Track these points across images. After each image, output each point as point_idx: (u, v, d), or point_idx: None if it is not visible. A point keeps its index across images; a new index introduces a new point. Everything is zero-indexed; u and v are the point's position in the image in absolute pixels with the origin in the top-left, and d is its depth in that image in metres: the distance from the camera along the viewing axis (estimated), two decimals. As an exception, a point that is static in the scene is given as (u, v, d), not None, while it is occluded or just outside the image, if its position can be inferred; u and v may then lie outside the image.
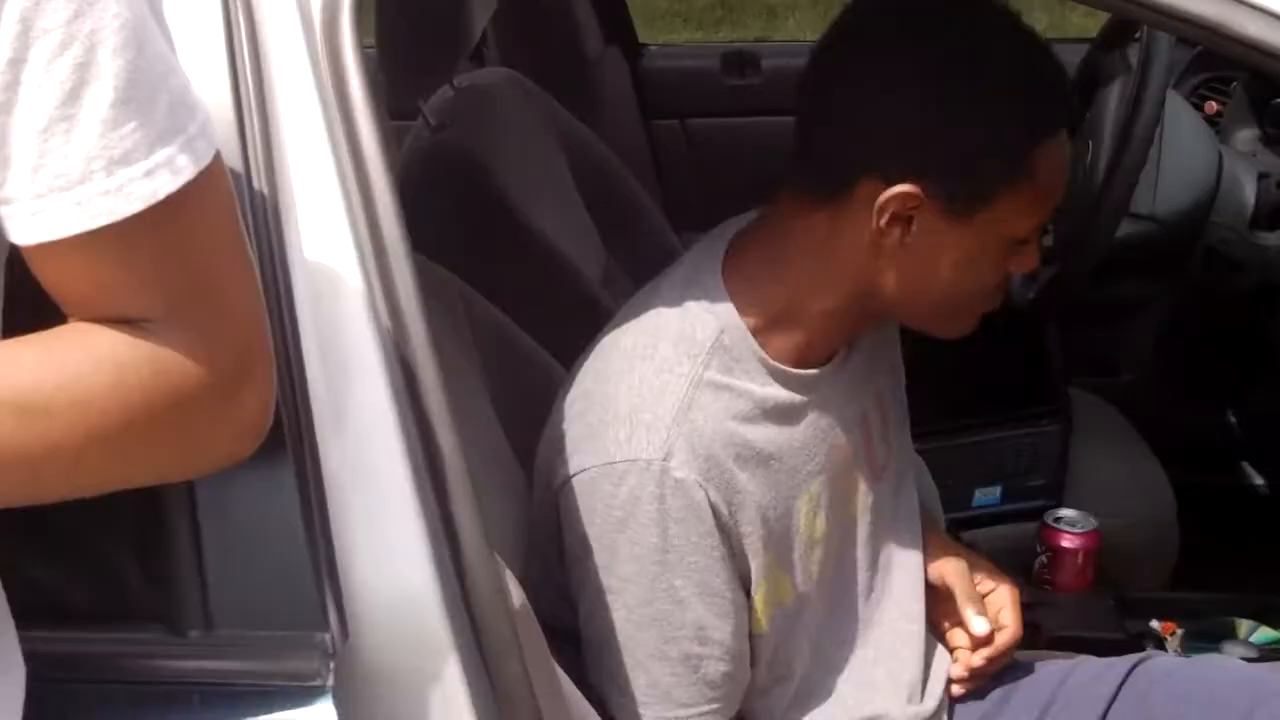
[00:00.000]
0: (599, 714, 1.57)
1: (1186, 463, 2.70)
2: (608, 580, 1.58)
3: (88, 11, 0.96)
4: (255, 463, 1.16)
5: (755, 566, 1.62)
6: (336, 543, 1.24)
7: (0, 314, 1.08)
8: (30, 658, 1.14)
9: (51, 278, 1.03)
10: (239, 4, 1.27)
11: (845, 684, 1.78)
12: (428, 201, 2.35)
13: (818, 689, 1.76)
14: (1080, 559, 2.29)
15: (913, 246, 1.55)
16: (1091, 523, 2.32)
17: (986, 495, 2.60)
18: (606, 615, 1.59)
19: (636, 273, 2.22)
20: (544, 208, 2.32)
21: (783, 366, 1.62)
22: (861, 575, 1.78)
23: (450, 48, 2.41)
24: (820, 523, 1.69)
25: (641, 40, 3.36)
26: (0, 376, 1.01)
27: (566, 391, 1.64)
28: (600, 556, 1.57)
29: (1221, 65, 2.87)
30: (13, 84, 0.96)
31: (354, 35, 1.30)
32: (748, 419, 1.60)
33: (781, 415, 1.64)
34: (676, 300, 1.62)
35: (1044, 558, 2.30)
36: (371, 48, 1.68)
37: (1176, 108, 2.58)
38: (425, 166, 2.42)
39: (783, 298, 1.62)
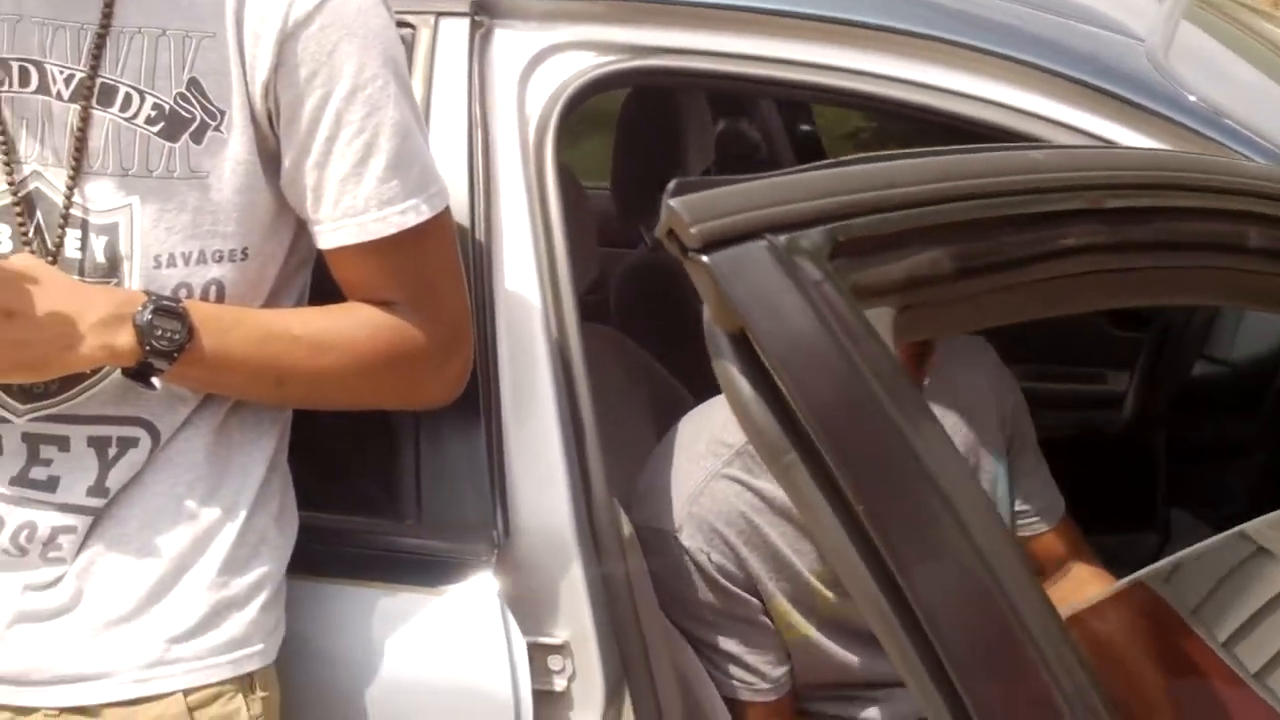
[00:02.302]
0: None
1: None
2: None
3: (375, 114, 1.64)
4: (459, 410, 1.83)
5: (770, 604, 2.21)
6: (506, 472, 1.88)
7: (308, 293, 1.78)
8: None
9: (339, 272, 1.71)
10: (480, 124, 1.94)
11: None
12: (639, 304, 3.02)
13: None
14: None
15: None
16: None
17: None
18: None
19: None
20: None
21: None
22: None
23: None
24: (829, 592, 2.22)
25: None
26: (302, 325, 1.69)
27: (654, 450, 2.27)
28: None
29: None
30: (328, 152, 1.64)
31: (553, 149, 1.96)
32: (758, 511, 2.18)
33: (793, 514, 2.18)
34: (723, 405, 2.26)
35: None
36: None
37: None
38: (641, 276, 3.08)
39: None
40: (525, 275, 1.92)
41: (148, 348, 1.58)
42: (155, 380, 1.61)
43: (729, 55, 2.02)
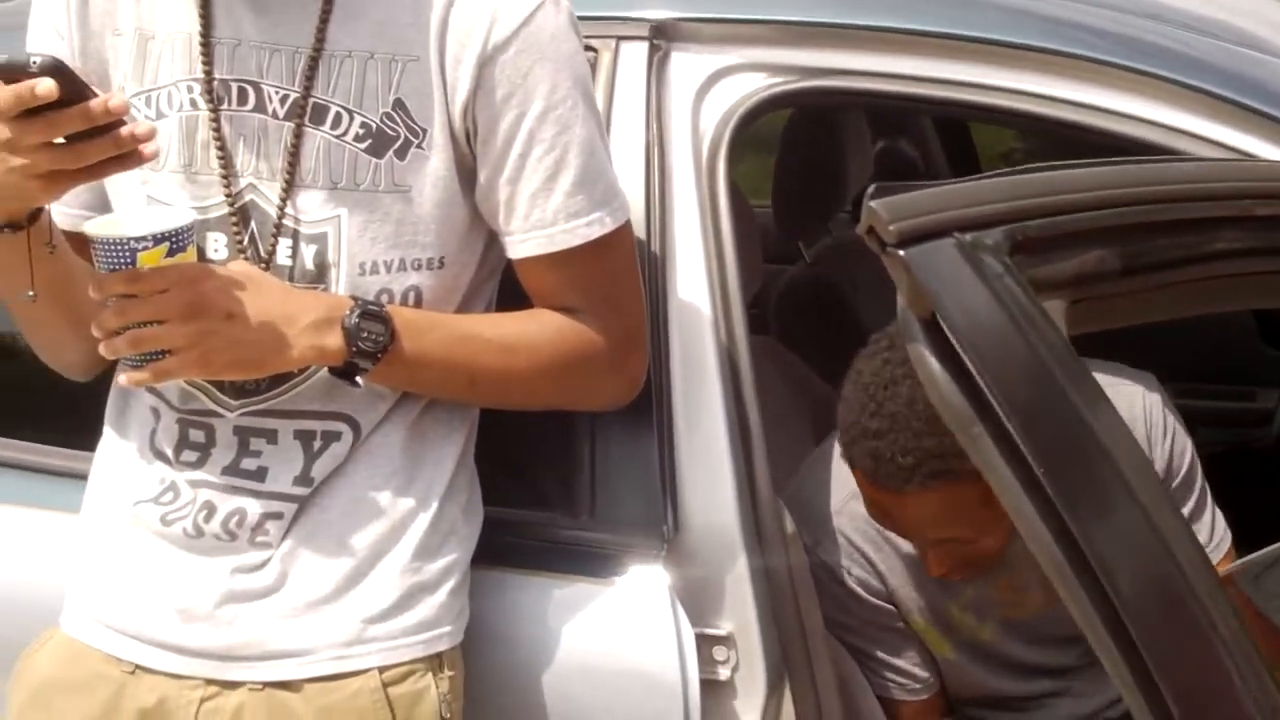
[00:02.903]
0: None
1: None
2: None
3: (565, 133, 1.76)
4: (633, 412, 1.94)
5: (909, 620, 2.31)
6: (676, 471, 1.99)
7: (496, 299, 1.90)
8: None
9: (527, 280, 1.83)
10: (657, 142, 2.06)
11: None
12: (796, 317, 3.11)
13: None
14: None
15: None
16: None
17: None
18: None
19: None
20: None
21: None
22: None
23: (828, 204, 3.15)
24: (969, 619, 2.32)
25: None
26: (494, 329, 1.81)
27: (805, 460, 2.39)
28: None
29: None
30: (520, 168, 1.76)
31: (725, 166, 2.06)
32: (884, 547, 2.29)
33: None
34: None
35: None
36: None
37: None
38: (798, 291, 3.17)
39: None
40: (697, 286, 2.03)
41: (354, 349, 1.71)
42: (359, 379, 1.74)
43: (892, 76, 2.11)
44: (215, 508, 1.78)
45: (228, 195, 1.77)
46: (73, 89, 1.52)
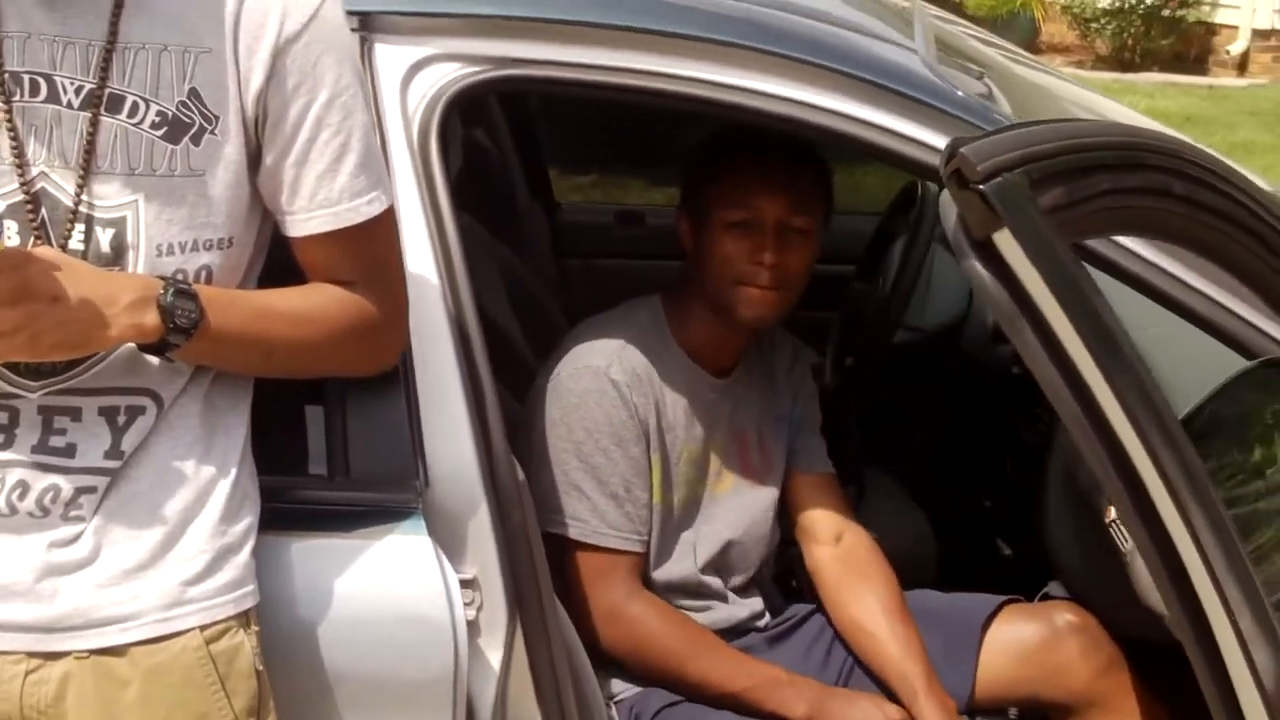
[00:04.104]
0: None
1: (955, 536, 3.47)
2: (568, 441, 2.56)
3: (349, 118, 1.90)
4: (380, 379, 2.10)
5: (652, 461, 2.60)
6: (423, 432, 2.16)
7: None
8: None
9: (306, 256, 1.96)
10: (376, 125, 2.18)
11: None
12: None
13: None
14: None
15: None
16: None
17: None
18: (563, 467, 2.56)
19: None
20: (491, 300, 3.25)
21: (691, 360, 2.63)
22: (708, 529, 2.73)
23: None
24: (691, 473, 2.65)
25: (558, 199, 4.29)
26: (284, 302, 1.94)
27: (554, 351, 2.65)
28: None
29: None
30: (307, 151, 1.89)
31: (437, 147, 2.23)
32: (662, 377, 2.60)
33: (684, 387, 2.62)
34: (624, 307, 2.67)
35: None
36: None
37: (941, 258, 3.58)
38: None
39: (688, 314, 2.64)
40: (423, 257, 2.20)
41: (170, 325, 1.80)
42: (170, 355, 1.83)
43: (566, 64, 2.35)
44: (29, 486, 1.83)
45: (22, 183, 1.81)
46: None
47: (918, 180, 3.44)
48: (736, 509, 2.73)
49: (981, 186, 1.30)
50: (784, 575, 2.98)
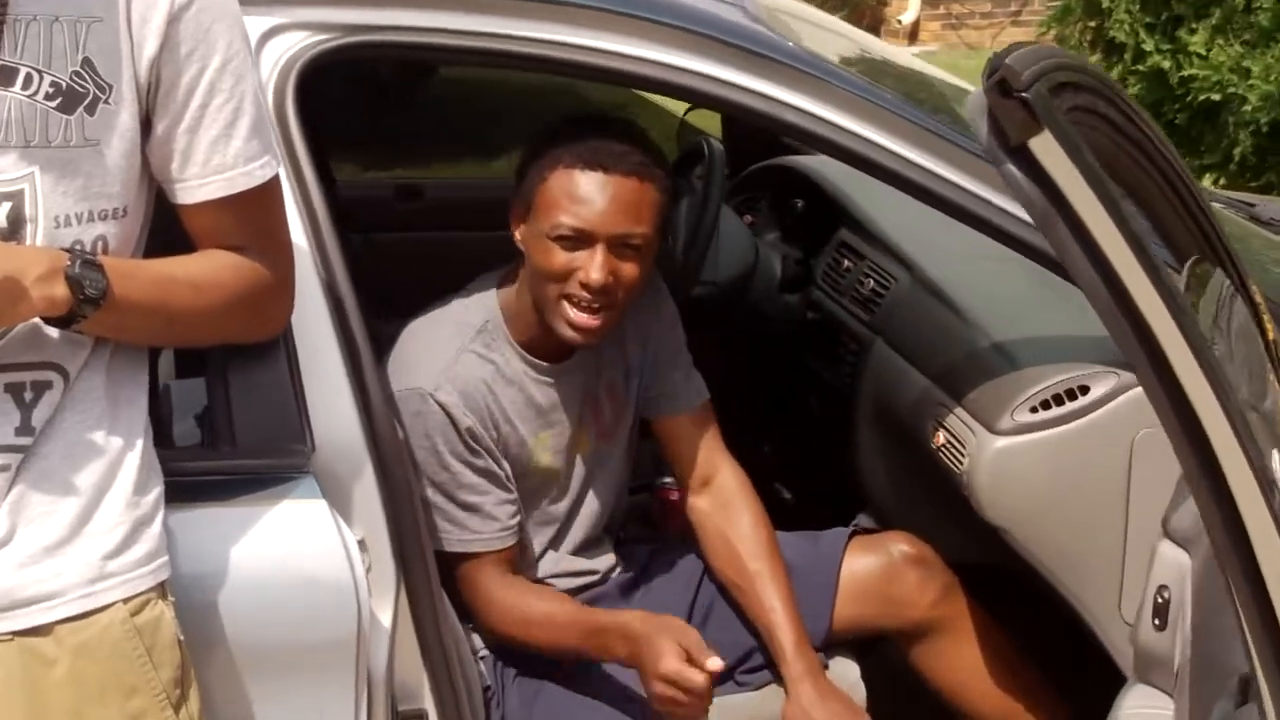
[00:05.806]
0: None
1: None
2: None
3: (240, 84, 1.90)
4: (260, 347, 2.11)
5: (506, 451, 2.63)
6: (306, 397, 2.17)
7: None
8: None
9: (197, 222, 1.95)
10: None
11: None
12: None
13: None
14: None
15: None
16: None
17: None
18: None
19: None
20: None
21: (527, 354, 2.65)
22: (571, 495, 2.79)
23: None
24: (547, 456, 2.70)
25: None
26: (183, 270, 1.93)
27: (399, 340, 2.64)
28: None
29: (755, 188, 4.02)
30: (200, 118, 1.89)
31: (294, 113, 2.24)
32: (494, 379, 2.62)
33: (524, 385, 2.65)
34: (457, 299, 2.65)
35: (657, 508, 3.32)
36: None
37: (726, 214, 3.70)
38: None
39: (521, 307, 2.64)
40: (291, 223, 2.20)
41: (80, 297, 1.78)
42: (77, 326, 1.81)
43: (416, 29, 2.38)
44: None
45: None
46: None
47: (703, 140, 3.55)
48: (596, 468, 2.78)
49: (1025, 94, 1.41)
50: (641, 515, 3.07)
